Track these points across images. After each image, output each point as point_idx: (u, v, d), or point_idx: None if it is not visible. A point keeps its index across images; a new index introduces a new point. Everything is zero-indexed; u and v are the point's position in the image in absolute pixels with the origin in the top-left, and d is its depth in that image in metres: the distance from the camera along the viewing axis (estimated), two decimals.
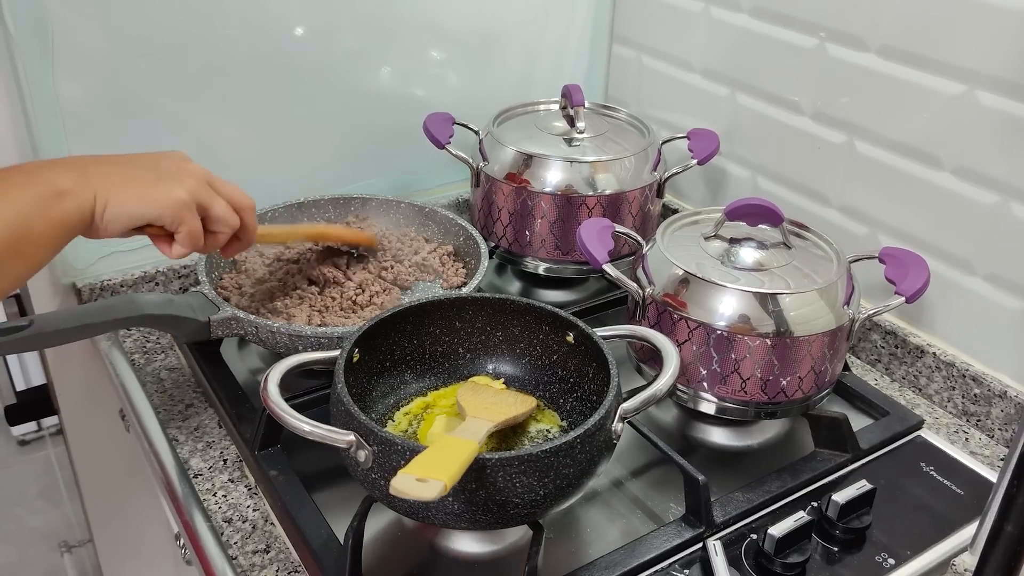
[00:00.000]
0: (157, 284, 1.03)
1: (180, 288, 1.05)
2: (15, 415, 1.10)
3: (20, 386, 1.93)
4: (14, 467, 2.19)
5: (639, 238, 0.91)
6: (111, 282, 1.00)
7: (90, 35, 0.90)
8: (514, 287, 1.13)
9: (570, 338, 0.80)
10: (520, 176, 1.02)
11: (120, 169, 0.66)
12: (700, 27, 1.14)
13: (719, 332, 0.79)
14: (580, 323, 0.79)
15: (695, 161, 1.06)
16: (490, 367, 0.85)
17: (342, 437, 0.65)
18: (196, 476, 0.82)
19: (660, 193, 1.07)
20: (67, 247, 0.99)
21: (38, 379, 1.96)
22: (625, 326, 0.79)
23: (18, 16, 0.86)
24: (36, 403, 1.20)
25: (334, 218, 1.08)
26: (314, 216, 1.07)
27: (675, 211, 1.23)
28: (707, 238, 0.86)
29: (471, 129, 1.12)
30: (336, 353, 0.73)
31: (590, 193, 1.01)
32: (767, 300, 0.79)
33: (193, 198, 0.68)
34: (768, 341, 0.78)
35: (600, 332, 0.78)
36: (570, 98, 1.07)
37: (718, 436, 0.88)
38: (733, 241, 0.86)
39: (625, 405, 0.70)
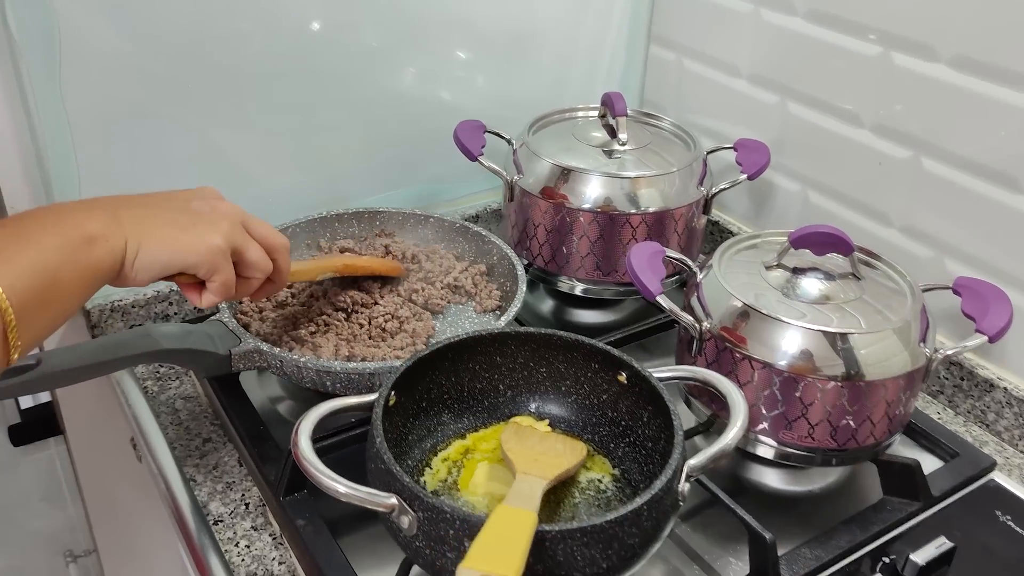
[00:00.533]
0: (171, 304, 0.97)
1: (195, 309, 0.99)
2: (19, 435, 1.04)
3: (26, 403, 1.86)
4: (16, 468, 2.13)
5: (691, 264, 0.84)
6: (122, 303, 0.94)
7: (100, 39, 0.83)
8: (546, 306, 1.07)
9: (622, 378, 0.74)
10: (557, 191, 0.95)
11: (152, 212, 0.61)
12: (748, 29, 1.07)
13: (786, 374, 0.73)
14: (634, 363, 0.72)
15: (744, 176, 0.99)
16: (533, 406, 0.78)
17: (383, 501, 0.59)
18: (216, 523, 0.76)
19: (707, 209, 1.00)
20: None
21: (44, 395, 1.89)
22: (685, 367, 0.73)
23: (22, 18, 0.79)
24: (42, 422, 1.14)
25: (358, 233, 1.02)
26: (337, 232, 1.01)
27: (715, 224, 1.16)
28: (769, 267, 0.80)
29: (503, 138, 1.05)
30: (371, 398, 0.67)
31: (634, 211, 0.94)
32: (837, 339, 0.72)
33: (229, 243, 0.63)
34: (839, 384, 0.72)
35: (657, 373, 0.72)
36: (612, 107, 1.00)
37: (774, 479, 0.82)
38: (797, 271, 0.79)
39: (692, 463, 0.63)
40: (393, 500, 0.59)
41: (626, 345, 0.94)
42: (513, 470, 0.67)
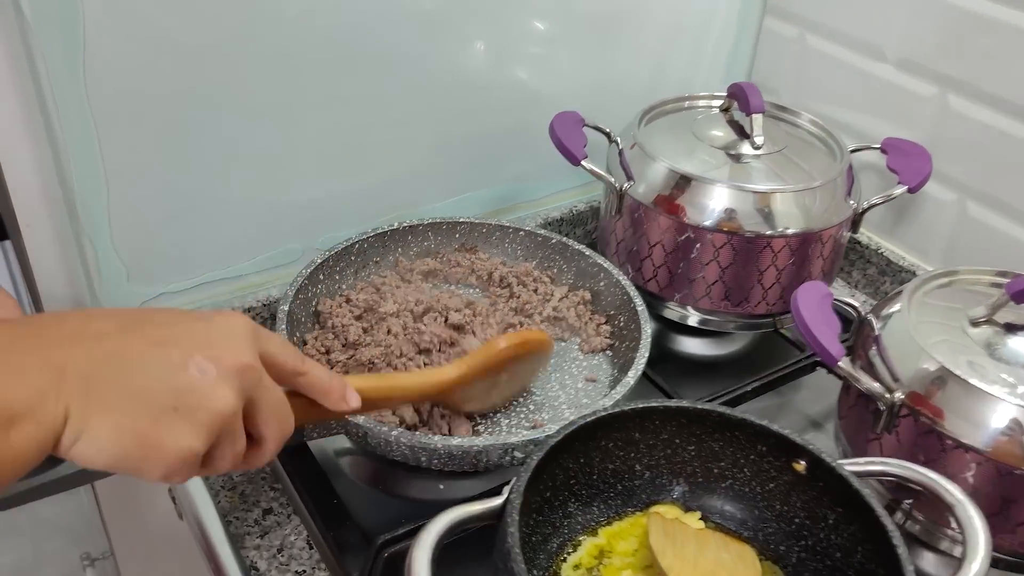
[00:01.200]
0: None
1: None
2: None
3: None
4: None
5: (861, 309, 0.68)
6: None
7: (132, 19, 0.66)
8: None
9: (799, 467, 0.59)
10: (674, 202, 0.79)
11: (116, 373, 0.40)
12: (899, 2, 0.89)
13: (1017, 472, 0.57)
14: (820, 452, 0.57)
15: (903, 188, 0.82)
16: (677, 491, 0.63)
17: None
18: None
19: (855, 227, 0.84)
20: (104, 291, 0.78)
21: None
22: (888, 461, 0.57)
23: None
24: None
25: (434, 247, 0.86)
26: (410, 246, 0.84)
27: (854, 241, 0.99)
28: (976, 323, 0.64)
29: (604, 133, 0.88)
30: (496, 503, 0.52)
31: (773, 232, 0.78)
32: None
33: (207, 443, 0.42)
34: None
35: (849, 466, 0.56)
36: (744, 101, 0.83)
37: None
38: (1011, 328, 0.63)
39: None
40: None
41: (763, 395, 0.79)
42: None
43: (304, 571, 0.66)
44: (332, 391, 0.50)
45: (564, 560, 0.59)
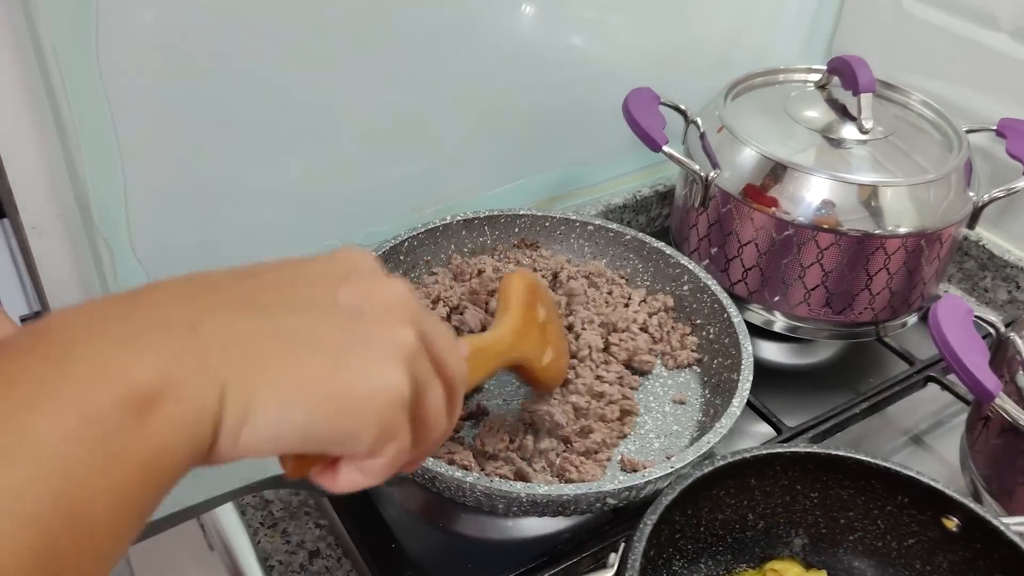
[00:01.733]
0: None
1: None
2: None
3: None
4: None
5: (1001, 327, 0.59)
6: None
7: None
8: None
9: (950, 524, 0.50)
10: (768, 195, 0.69)
11: (264, 322, 0.29)
12: None
13: None
14: (980, 510, 0.48)
15: None
16: (797, 543, 0.54)
17: None
18: None
19: (972, 223, 0.73)
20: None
21: None
22: None
23: None
24: None
25: (491, 243, 0.76)
26: (464, 242, 0.75)
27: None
28: None
29: (680, 112, 0.78)
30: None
31: (885, 232, 0.68)
32: None
33: (409, 378, 0.31)
34: None
35: (1015, 524, 0.47)
36: (851, 78, 0.72)
37: None
38: None
39: None
40: None
41: (867, 417, 0.69)
42: None
43: None
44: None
45: None
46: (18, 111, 0.57)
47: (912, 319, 0.75)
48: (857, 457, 0.50)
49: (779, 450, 0.50)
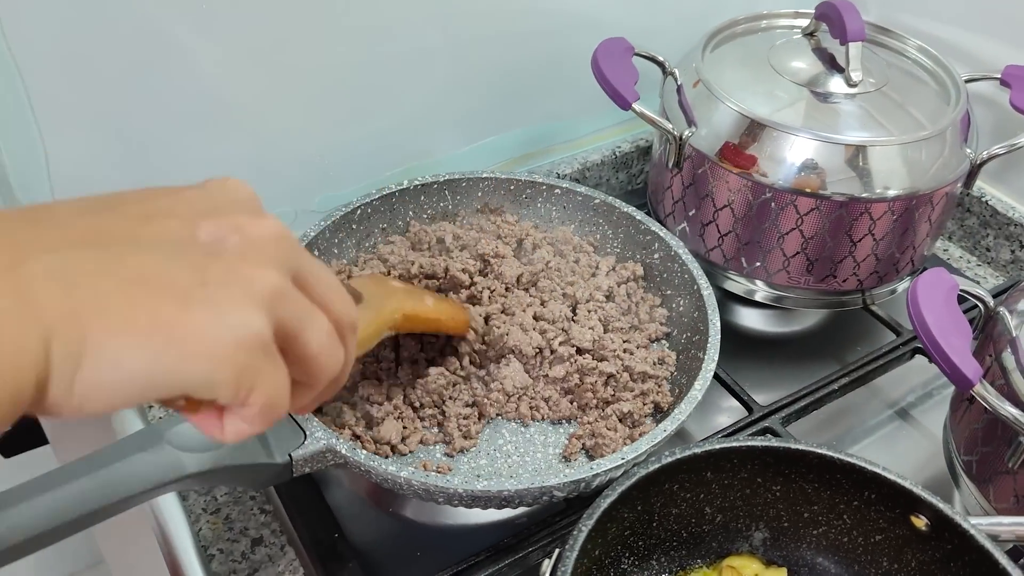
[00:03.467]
0: None
1: None
2: (9, 446, 0.82)
3: None
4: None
5: (991, 303, 0.54)
6: None
7: None
8: None
9: (919, 522, 0.46)
10: (746, 155, 0.64)
11: (108, 262, 0.27)
12: None
13: None
14: (950, 512, 0.44)
15: None
16: (757, 538, 0.51)
17: None
18: None
19: (969, 182, 0.68)
20: None
21: None
22: None
23: None
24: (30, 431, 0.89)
25: (452, 209, 0.71)
26: (423, 208, 0.70)
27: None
28: None
29: (658, 63, 0.72)
30: None
31: (871, 195, 0.62)
32: None
33: (273, 323, 0.29)
34: None
35: (988, 526, 0.43)
36: (839, 25, 0.66)
37: None
38: None
39: None
40: None
41: (854, 390, 0.65)
42: None
43: None
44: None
45: None
46: None
47: (902, 285, 0.70)
48: (820, 452, 0.46)
49: (734, 444, 0.46)
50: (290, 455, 0.50)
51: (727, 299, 0.75)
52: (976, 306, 0.55)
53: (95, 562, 1.34)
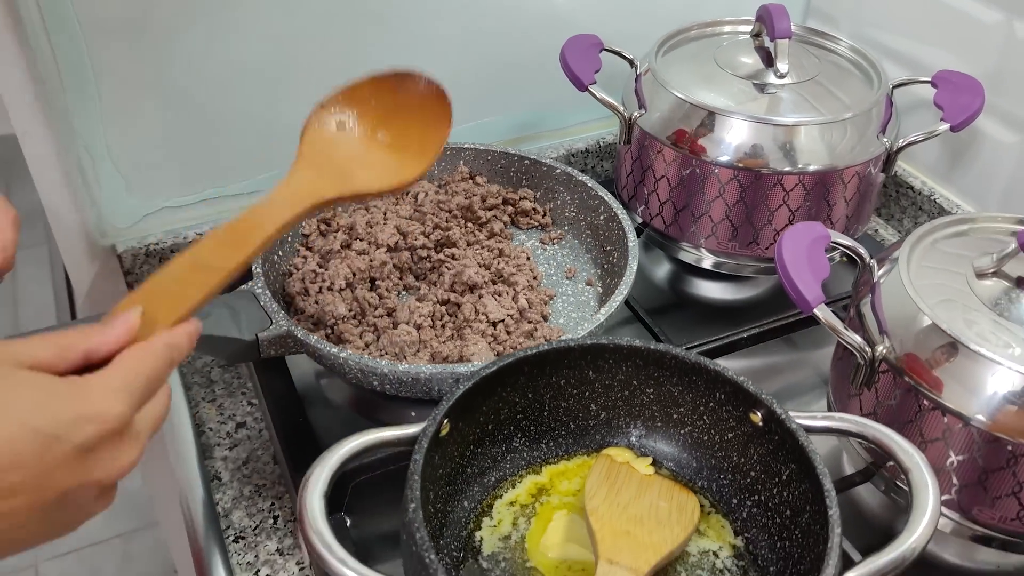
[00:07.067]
0: None
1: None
2: None
3: None
4: None
5: (865, 255, 0.62)
6: (158, 246, 0.80)
7: None
8: (663, 272, 0.86)
9: (756, 418, 0.54)
10: (689, 135, 0.74)
11: None
12: None
13: (996, 437, 0.51)
14: (774, 405, 0.52)
15: (946, 126, 0.74)
16: (633, 435, 0.60)
17: None
18: (236, 539, 0.62)
19: (887, 167, 0.76)
20: (105, 201, 0.80)
21: None
22: (848, 418, 0.52)
23: None
24: None
25: (436, 173, 0.83)
26: None
27: (894, 177, 0.91)
28: (981, 275, 0.57)
29: (625, 58, 0.83)
30: (412, 431, 0.51)
31: (788, 169, 0.71)
32: None
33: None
34: None
35: (804, 420, 0.52)
36: (770, 24, 0.75)
37: (946, 550, 0.62)
38: (1022, 283, 0.56)
39: None
40: None
41: (768, 341, 0.74)
42: (595, 550, 0.50)
43: (264, 485, 0.66)
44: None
45: (500, 496, 0.57)
46: (5, 41, 0.68)
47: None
48: (675, 353, 0.56)
49: (602, 342, 0.56)
50: (257, 335, 0.62)
51: (683, 271, 0.85)
52: (854, 260, 0.64)
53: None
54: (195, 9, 0.72)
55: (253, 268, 0.67)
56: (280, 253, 0.73)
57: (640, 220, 0.81)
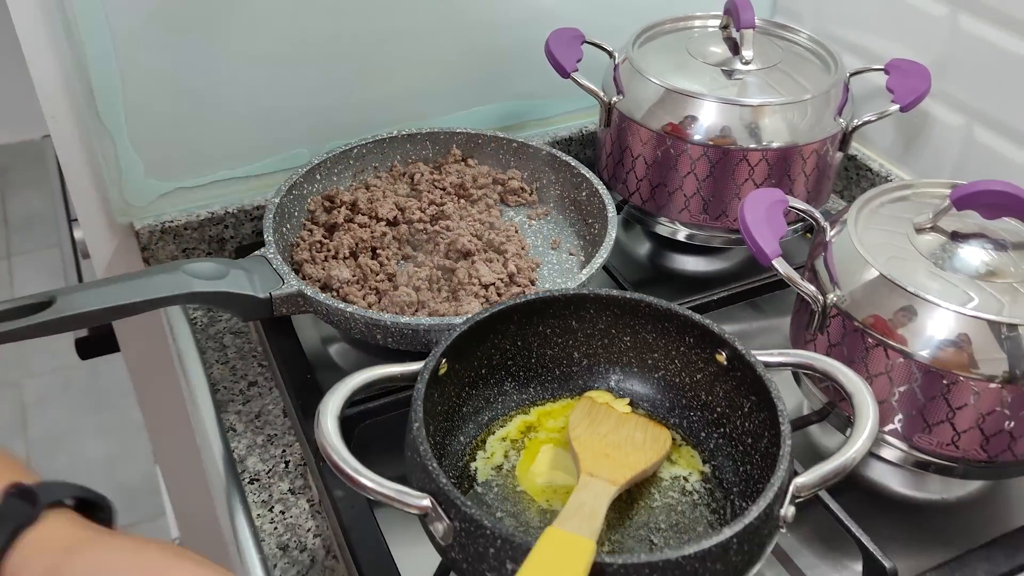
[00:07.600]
0: (227, 227, 0.88)
1: (253, 232, 0.90)
2: (87, 348, 0.98)
3: None
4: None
5: (819, 217, 0.69)
6: (173, 224, 0.86)
7: None
8: (642, 248, 0.93)
9: (721, 358, 0.61)
10: (663, 117, 0.80)
11: None
12: None
13: (932, 369, 0.58)
14: (736, 343, 0.59)
15: (896, 107, 0.81)
16: (613, 379, 0.67)
17: (416, 502, 0.49)
18: (252, 481, 0.68)
19: (844, 145, 0.83)
20: (125, 183, 0.86)
21: None
22: (799, 353, 0.59)
23: None
24: (108, 337, 1.07)
25: (431, 156, 0.90)
26: (408, 154, 0.89)
27: (853, 159, 0.98)
28: (920, 230, 0.64)
29: (605, 50, 0.90)
30: (415, 367, 0.57)
31: (753, 146, 0.78)
32: (1003, 330, 0.57)
33: None
34: (1001, 387, 0.57)
35: (764, 357, 0.58)
36: (735, 16, 0.83)
37: (896, 481, 0.69)
38: (957, 237, 0.63)
39: (801, 481, 0.51)
40: (427, 502, 0.49)
41: (736, 304, 0.81)
42: (577, 467, 0.56)
43: (275, 435, 0.73)
44: None
45: (492, 432, 0.64)
46: (35, 19, 0.74)
47: (789, 229, 0.85)
48: (648, 300, 0.62)
49: (585, 292, 0.63)
50: (271, 293, 0.69)
51: (661, 247, 0.92)
52: (809, 224, 0.70)
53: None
54: (209, 9, 0.79)
55: (265, 236, 0.73)
56: (288, 226, 0.80)
57: (620, 197, 0.87)
